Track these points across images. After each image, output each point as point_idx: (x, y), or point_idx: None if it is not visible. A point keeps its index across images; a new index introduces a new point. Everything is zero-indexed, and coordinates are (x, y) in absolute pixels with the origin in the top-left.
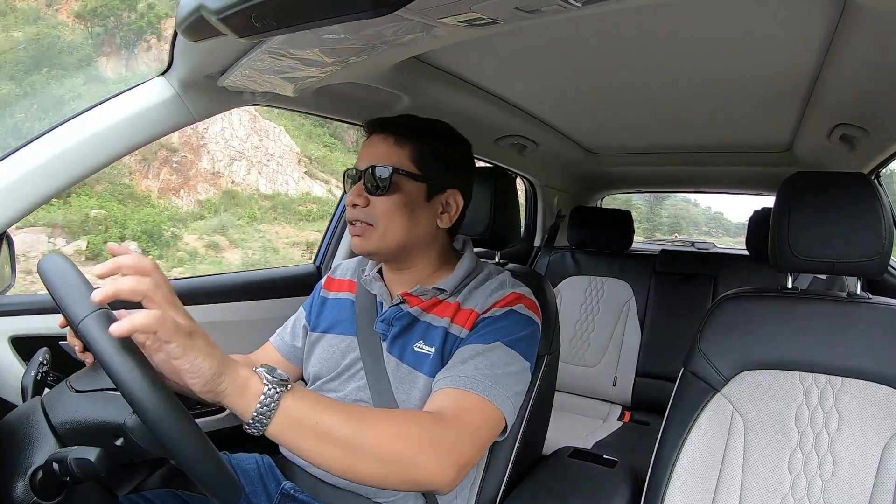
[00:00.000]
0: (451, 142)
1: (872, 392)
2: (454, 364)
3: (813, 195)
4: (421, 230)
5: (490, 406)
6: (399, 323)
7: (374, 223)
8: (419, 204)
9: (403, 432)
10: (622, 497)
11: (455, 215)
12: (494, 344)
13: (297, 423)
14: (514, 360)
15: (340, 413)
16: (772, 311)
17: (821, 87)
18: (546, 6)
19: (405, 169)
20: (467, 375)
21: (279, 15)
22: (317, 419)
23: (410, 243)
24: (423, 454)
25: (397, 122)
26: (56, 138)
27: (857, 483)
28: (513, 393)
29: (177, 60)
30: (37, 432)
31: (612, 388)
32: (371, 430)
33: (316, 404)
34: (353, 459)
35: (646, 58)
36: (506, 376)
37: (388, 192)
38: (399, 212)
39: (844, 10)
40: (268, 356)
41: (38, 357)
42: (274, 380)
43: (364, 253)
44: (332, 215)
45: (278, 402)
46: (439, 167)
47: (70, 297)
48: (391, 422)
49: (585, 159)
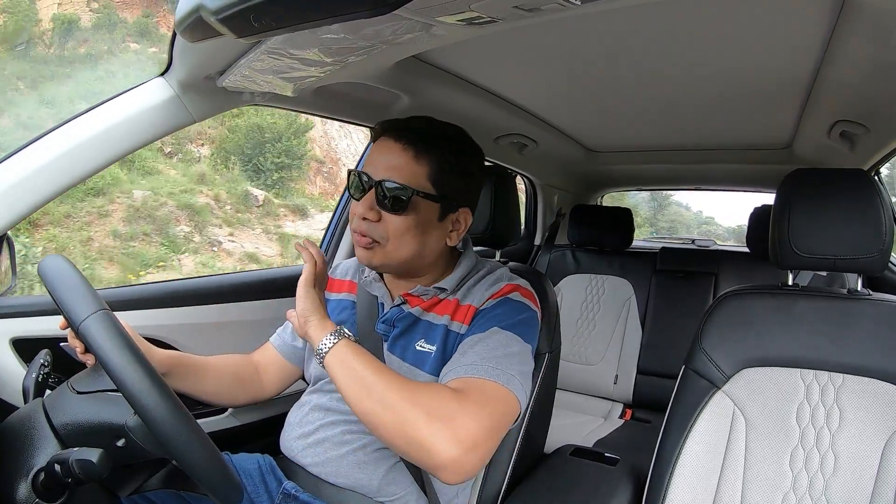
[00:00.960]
0: (468, 153)
1: (873, 389)
2: (456, 357)
3: (813, 192)
4: (429, 249)
5: (499, 388)
6: (401, 324)
7: (383, 241)
8: (432, 224)
9: (425, 401)
10: (624, 495)
11: (463, 232)
12: (491, 330)
13: (342, 363)
14: (512, 341)
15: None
16: (773, 309)
17: (821, 85)
18: (545, 5)
19: (423, 190)
20: (468, 364)
21: (278, 15)
22: (354, 365)
23: (417, 261)
24: (440, 424)
25: (415, 130)
26: (56, 140)
27: (859, 480)
28: (517, 371)
29: (176, 61)
30: (38, 434)
31: (614, 386)
32: (397, 390)
33: (359, 355)
34: (380, 415)
35: (646, 55)
36: (507, 356)
37: (402, 212)
38: (411, 232)
39: (844, 7)
40: (268, 356)
41: (40, 359)
42: (338, 330)
43: (369, 266)
44: (332, 213)
45: (335, 343)
46: (456, 185)
47: (71, 299)
48: (419, 388)
49: (585, 158)
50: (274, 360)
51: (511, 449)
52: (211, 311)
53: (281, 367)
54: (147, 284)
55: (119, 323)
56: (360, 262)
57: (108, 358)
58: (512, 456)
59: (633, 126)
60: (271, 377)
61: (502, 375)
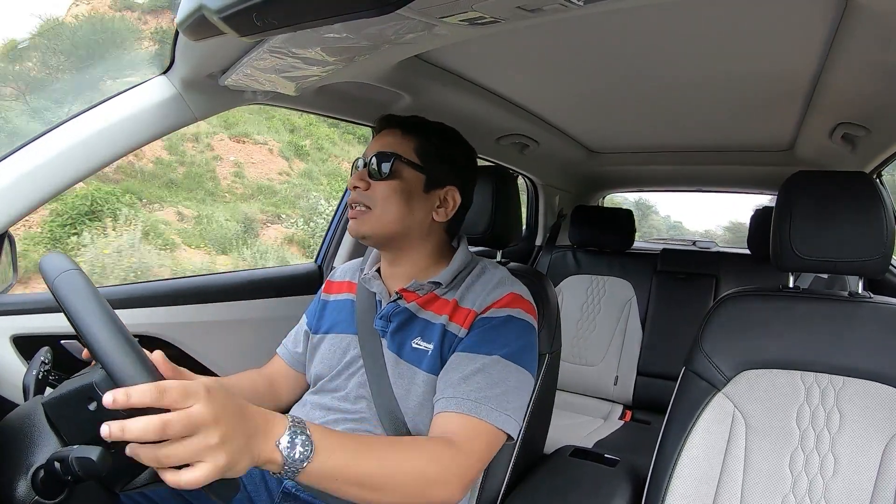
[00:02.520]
0: (456, 143)
1: (874, 392)
2: (456, 381)
3: (815, 194)
4: (416, 219)
5: (494, 430)
6: (397, 318)
7: (372, 206)
8: (417, 193)
9: (419, 469)
10: (623, 496)
11: (452, 211)
12: (493, 358)
13: (320, 481)
14: (513, 373)
15: (362, 461)
16: (773, 311)
17: (823, 87)
18: (547, 5)
19: (407, 157)
20: (470, 398)
21: (280, 14)
22: (336, 476)
23: (404, 230)
24: (437, 486)
25: (407, 119)
26: (58, 137)
27: (859, 483)
28: (514, 408)
29: (178, 60)
30: (38, 432)
31: (614, 387)
32: (390, 469)
33: (338, 467)
34: (375, 496)
35: (647, 57)
36: (506, 393)
37: (388, 178)
38: (396, 196)
39: (846, 10)
40: (278, 368)
41: (40, 356)
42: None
43: (359, 235)
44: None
45: (302, 469)
46: (440, 163)
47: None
48: (409, 457)
49: (587, 158)
50: (284, 371)
51: (511, 450)
52: (213, 310)
53: (292, 376)
54: (148, 282)
55: (88, 281)
56: (351, 233)
57: (76, 315)
58: (512, 456)
59: (635, 127)
60: (285, 388)
61: (500, 419)
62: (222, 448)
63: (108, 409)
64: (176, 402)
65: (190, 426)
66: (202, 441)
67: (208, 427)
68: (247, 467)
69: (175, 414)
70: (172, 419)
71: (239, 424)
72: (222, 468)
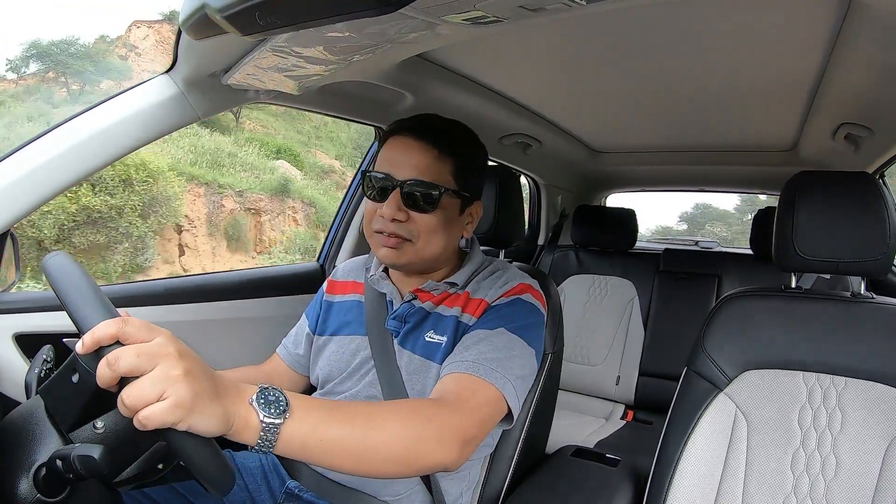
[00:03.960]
0: (480, 148)
1: (876, 392)
2: (459, 350)
3: (817, 194)
4: (453, 243)
5: (492, 390)
6: (412, 318)
7: (413, 239)
8: (454, 218)
9: (408, 427)
10: (624, 496)
11: (475, 224)
12: (498, 330)
13: (302, 445)
14: (516, 344)
15: (344, 423)
16: (776, 311)
17: (826, 87)
18: (550, 4)
19: (449, 187)
20: (469, 360)
21: (283, 13)
22: (320, 437)
23: (443, 257)
24: (428, 444)
25: (433, 130)
26: (60, 136)
27: (860, 483)
28: (514, 376)
29: (181, 58)
30: (40, 430)
31: (616, 387)
32: (375, 430)
33: (318, 423)
34: (362, 462)
35: (650, 57)
36: (507, 359)
37: (432, 211)
38: (440, 229)
39: (849, 10)
40: (278, 368)
41: (42, 354)
42: (269, 414)
43: (395, 266)
44: (335, 215)
45: (277, 433)
46: (474, 180)
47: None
48: (395, 418)
49: (589, 158)
50: (283, 371)
51: (513, 449)
52: (213, 309)
53: (291, 377)
54: (151, 281)
55: (73, 259)
56: (385, 262)
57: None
58: (513, 456)
59: (638, 127)
60: (283, 387)
61: (499, 379)
62: (184, 380)
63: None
64: (139, 331)
65: (152, 355)
66: (163, 371)
67: (170, 357)
68: (219, 424)
69: (139, 344)
70: (136, 347)
71: (205, 373)
72: (186, 405)
